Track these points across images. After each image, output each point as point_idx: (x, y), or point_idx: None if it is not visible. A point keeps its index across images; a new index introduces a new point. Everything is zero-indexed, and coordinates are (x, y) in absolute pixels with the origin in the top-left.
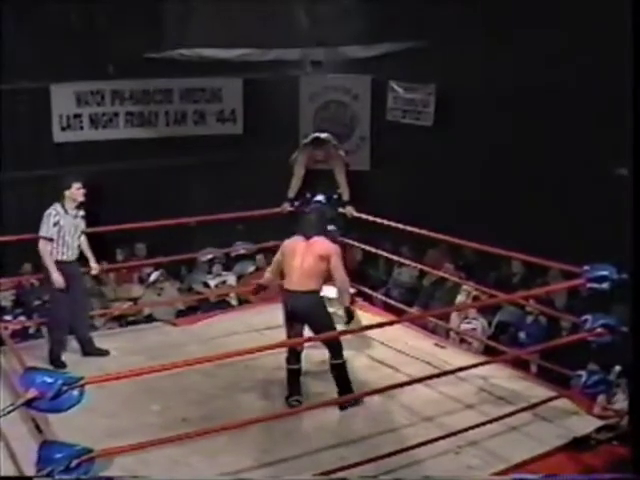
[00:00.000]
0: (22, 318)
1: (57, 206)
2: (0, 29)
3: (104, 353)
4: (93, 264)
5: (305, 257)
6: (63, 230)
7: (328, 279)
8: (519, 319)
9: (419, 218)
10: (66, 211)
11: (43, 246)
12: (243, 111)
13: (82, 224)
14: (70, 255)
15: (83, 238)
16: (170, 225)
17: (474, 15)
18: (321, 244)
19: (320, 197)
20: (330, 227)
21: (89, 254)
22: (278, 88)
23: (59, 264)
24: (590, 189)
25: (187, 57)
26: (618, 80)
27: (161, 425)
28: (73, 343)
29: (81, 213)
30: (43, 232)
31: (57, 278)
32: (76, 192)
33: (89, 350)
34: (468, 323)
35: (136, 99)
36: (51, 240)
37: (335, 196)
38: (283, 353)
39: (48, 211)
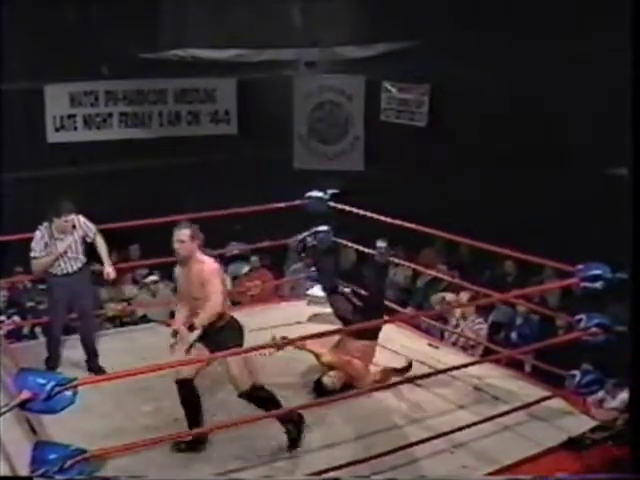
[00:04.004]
0: (16, 318)
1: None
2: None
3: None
4: (108, 268)
5: None
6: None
7: None
8: (511, 319)
9: (413, 218)
10: (53, 236)
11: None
12: (237, 111)
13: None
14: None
15: (99, 239)
16: (163, 223)
17: (468, 15)
18: None
19: (316, 193)
20: (323, 227)
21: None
22: (272, 88)
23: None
24: (589, 189)
25: (181, 58)
26: (616, 79)
27: (155, 425)
28: (67, 342)
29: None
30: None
31: None
32: (63, 224)
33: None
34: (476, 325)
35: (130, 100)
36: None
37: (331, 192)
38: (276, 353)
39: (36, 232)
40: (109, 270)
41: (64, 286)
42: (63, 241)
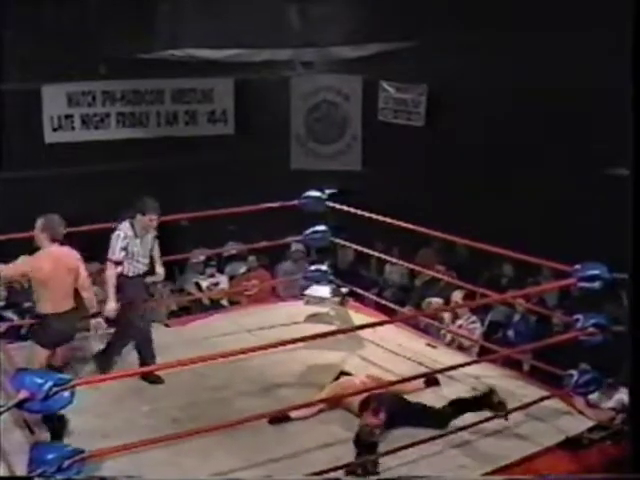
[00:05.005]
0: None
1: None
2: None
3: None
4: (159, 269)
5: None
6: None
7: None
8: (507, 318)
9: (410, 218)
10: (136, 235)
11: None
12: (234, 111)
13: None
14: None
15: (157, 244)
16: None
17: (466, 15)
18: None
19: (313, 193)
20: (320, 227)
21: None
22: (269, 88)
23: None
24: (589, 189)
25: (178, 58)
26: (613, 78)
27: (152, 426)
28: None
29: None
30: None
31: (110, 307)
32: (148, 223)
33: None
34: (472, 323)
35: (127, 100)
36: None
37: (328, 192)
38: (275, 353)
39: (116, 232)
40: (161, 271)
41: (137, 285)
42: (142, 242)
